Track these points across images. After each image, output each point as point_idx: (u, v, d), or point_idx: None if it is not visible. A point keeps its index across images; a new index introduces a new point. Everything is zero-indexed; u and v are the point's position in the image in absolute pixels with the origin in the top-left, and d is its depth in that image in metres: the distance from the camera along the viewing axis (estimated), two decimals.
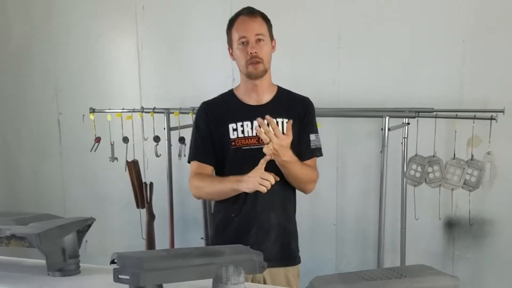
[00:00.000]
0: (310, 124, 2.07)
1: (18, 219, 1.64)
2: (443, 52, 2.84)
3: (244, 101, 2.04)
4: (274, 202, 2.00)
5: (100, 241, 3.73)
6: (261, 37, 1.95)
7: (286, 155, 1.84)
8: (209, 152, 2.04)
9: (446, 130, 2.65)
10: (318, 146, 2.08)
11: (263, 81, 2.01)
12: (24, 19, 3.85)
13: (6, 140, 4.04)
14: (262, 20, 1.99)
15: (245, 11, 1.99)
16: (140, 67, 3.57)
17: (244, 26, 1.95)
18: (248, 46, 1.93)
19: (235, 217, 2.03)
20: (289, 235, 2.07)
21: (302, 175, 1.98)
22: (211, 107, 2.06)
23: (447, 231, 2.91)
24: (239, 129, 1.99)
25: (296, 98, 2.10)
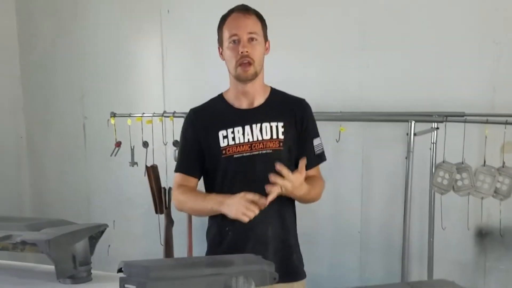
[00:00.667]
0: (311, 128, 1.95)
1: (31, 224, 1.64)
2: (474, 53, 2.73)
3: (235, 105, 1.91)
4: (271, 214, 1.85)
5: (123, 246, 3.75)
6: (254, 35, 1.81)
7: (300, 191, 1.77)
8: (194, 163, 1.92)
9: (477, 135, 2.55)
10: (322, 150, 1.97)
11: (254, 85, 1.87)
12: (50, 23, 3.89)
13: (33, 143, 4.08)
14: (256, 18, 1.86)
15: (238, 8, 1.86)
16: (164, 71, 3.55)
17: (236, 23, 1.82)
18: (239, 45, 1.80)
19: (229, 231, 1.89)
20: (289, 249, 1.94)
21: (315, 195, 1.90)
22: (199, 114, 1.95)
23: (478, 241, 2.78)
24: (230, 136, 1.86)
25: (291, 100, 1.96)
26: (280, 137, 1.86)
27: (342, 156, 3.06)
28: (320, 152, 1.95)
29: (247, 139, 1.85)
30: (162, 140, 3.05)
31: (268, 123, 1.86)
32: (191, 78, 3.49)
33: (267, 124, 1.86)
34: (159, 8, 3.50)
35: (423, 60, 2.83)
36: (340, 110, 2.87)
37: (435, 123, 2.55)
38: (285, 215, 1.92)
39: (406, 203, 2.49)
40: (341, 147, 2.99)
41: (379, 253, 3.04)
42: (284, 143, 1.86)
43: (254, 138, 1.85)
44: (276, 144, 1.85)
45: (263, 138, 1.85)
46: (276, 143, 1.85)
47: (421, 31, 2.82)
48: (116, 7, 3.66)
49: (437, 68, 2.81)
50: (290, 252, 1.95)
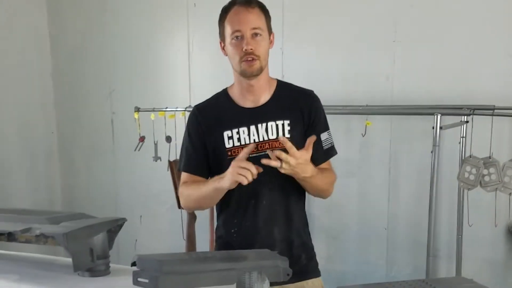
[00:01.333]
0: (320, 122, 1.83)
1: (51, 218, 1.65)
2: (508, 46, 2.63)
3: (240, 103, 1.82)
4: (276, 215, 1.79)
5: (149, 241, 3.80)
6: (258, 31, 1.71)
7: (307, 172, 1.64)
8: (201, 162, 1.84)
9: (507, 129, 2.46)
10: (332, 144, 1.86)
11: (259, 80, 1.78)
12: (80, 20, 3.95)
13: (64, 138, 4.16)
14: (260, 11, 1.74)
15: (238, 1, 1.74)
16: (190, 65, 3.56)
17: (238, 18, 1.71)
18: (243, 42, 1.70)
19: (235, 233, 1.83)
20: (298, 249, 1.85)
21: (324, 184, 1.79)
22: (203, 112, 1.86)
23: (508, 238, 2.69)
24: (235, 137, 1.78)
25: (299, 93, 1.86)
26: (286, 136, 1.77)
27: (368, 151, 3.01)
28: (328, 147, 1.85)
29: (252, 139, 1.77)
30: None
31: (274, 122, 1.78)
32: (217, 73, 3.47)
33: (272, 123, 1.78)
34: (185, 2, 3.50)
35: (454, 53, 2.76)
36: (366, 104, 2.81)
37: (464, 116, 2.47)
38: (292, 216, 1.84)
39: (431, 198, 2.43)
40: (368, 141, 2.95)
41: (406, 250, 2.98)
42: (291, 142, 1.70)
43: (260, 138, 1.78)
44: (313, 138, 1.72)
45: (269, 138, 1.78)
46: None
47: (452, 24, 2.75)
48: (143, 3, 3.68)
49: (469, 61, 2.73)
50: (298, 253, 1.86)
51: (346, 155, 3.00)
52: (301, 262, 1.85)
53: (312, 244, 1.94)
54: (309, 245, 1.92)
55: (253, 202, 1.79)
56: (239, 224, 1.81)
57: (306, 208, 1.94)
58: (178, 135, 3.10)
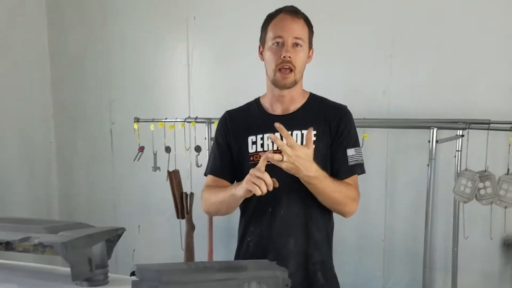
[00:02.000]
0: (348, 137, 1.78)
1: (50, 227, 1.65)
2: (503, 60, 2.67)
3: (269, 111, 1.81)
4: (294, 226, 1.72)
5: (147, 250, 3.79)
6: (299, 41, 1.70)
7: (309, 169, 1.57)
8: (225, 166, 1.83)
9: (502, 143, 2.48)
10: (359, 162, 1.79)
11: (291, 91, 1.77)
12: (80, 32, 3.98)
13: (62, 148, 4.17)
14: (304, 23, 1.74)
15: (287, 8, 1.74)
16: (190, 78, 3.58)
17: (282, 24, 1.70)
18: (282, 49, 1.68)
19: (251, 241, 1.80)
20: (314, 266, 1.77)
21: (336, 193, 1.68)
22: (232, 117, 1.86)
23: (504, 251, 2.71)
24: (259, 142, 1.76)
25: (330, 107, 1.82)
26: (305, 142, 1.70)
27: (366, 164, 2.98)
28: (354, 163, 1.77)
29: (276, 146, 1.69)
30: (184, 146, 3.08)
31: (299, 131, 1.74)
32: (217, 85, 3.51)
33: (298, 132, 1.74)
34: (185, 15, 3.53)
35: (451, 67, 2.79)
36: (364, 117, 2.84)
37: (460, 130, 2.50)
38: (311, 229, 1.76)
39: (427, 211, 2.45)
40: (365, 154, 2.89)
41: (403, 262, 2.99)
42: (316, 153, 1.67)
43: None
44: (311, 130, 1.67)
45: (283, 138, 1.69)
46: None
47: (448, 39, 2.78)
48: (143, 15, 3.71)
49: (466, 75, 2.76)
50: (315, 269, 1.78)
51: None
52: (317, 280, 1.78)
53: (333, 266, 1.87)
54: (328, 263, 1.84)
55: (270, 211, 1.75)
56: (255, 232, 1.78)
57: None
58: (177, 146, 3.12)
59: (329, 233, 1.85)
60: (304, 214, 1.74)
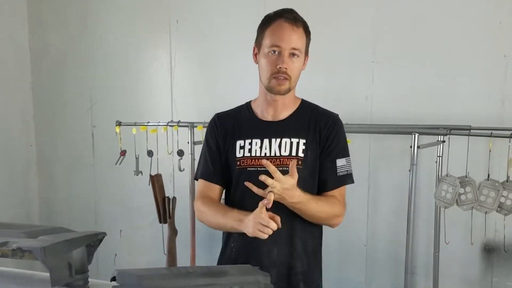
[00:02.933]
0: (338, 146, 1.77)
1: (29, 232, 1.62)
2: (483, 67, 2.71)
3: (259, 115, 1.80)
4: (278, 236, 1.66)
5: (129, 255, 3.76)
6: (296, 52, 1.68)
7: (293, 197, 1.59)
8: (217, 170, 1.81)
9: (483, 149, 2.51)
10: (348, 172, 1.78)
11: (284, 98, 1.76)
12: (61, 34, 3.93)
13: (43, 152, 4.11)
14: (303, 32, 1.72)
15: (287, 15, 1.69)
16: (172, 81, 3.57)
17: (281, 34, 1.67)
18: (279, 58, 1.67)
19: (234, 248, 1.80)
20: (296, 277, 1.75)
21: (321, 213, 1.70)
22: (222, 119, 1.85)
23: (485, 256, 2.74)
24: (247, 147, 1.75)
25: (321, 114, 1.80)
26: (299, 155, 1.73)
27: None
28: (343, 174, 1.77)
29: (264, 153, 1.73)
30: (167, 149, 3.06)
31: (288, 139, 1.74)
32: (199, 89, 3.50)
33: (287, 139, 1.74)
34: (168, 19, 3.52)
35: (432, 74, 2.82)
36: (346, 122, 2.85)
37: (440, 136, 2.52)
38: (295, 240, 1.76)
39: (409, 216, 2.46)
40: None
41: (385, 267, 3.01)
42: (304, 162, 1.72)
43: (272, 153, 1.73)
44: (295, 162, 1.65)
45: (281, 154, 1.73)
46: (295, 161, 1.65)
47: (430, 45, 2.81)
48: (125, 18, 3.69)
49: (446, 82, 2.79)
50: (297, 280, 1.76)
51: None
52: None
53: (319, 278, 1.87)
54: (312, 276, 1.82)
55: None
56: (238, 239, 1.78)
57: None
58: (159, 150, 3.10)
59: (315, 245, 1.84)
60: (289, 225, 1.72)
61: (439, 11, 2.78)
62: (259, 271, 1.33)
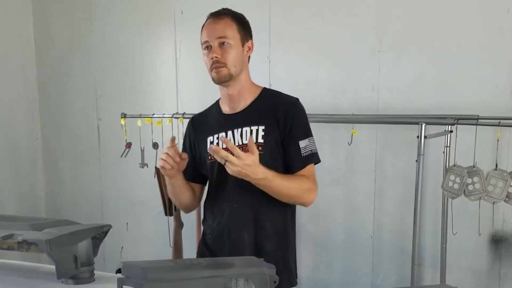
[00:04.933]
0: (298, 129, 1.84)
1: (34, 224, 1.63)
2: (491, 56, 2.67)
3: (222, 110, 1.94)
4: (246, 219, 1.83)
5: (135, 248, 3.77)
6: (224, 40, 1.80)
7: (257, 173, 1.65)
8: (194, 170, 1.95)
9: (491, 139, 2.48)
10: (313, 151, 1.84)
11: (236, 88, 1.86)
12: (66, 27, 3.93)
13: (49, 144, 4.12)
14: (231, 20, 1.83)
15: (212, 13, 1.87)
16: (177, 73, 3.56)
17: (207, 30, 1.84)
18: (210, 51, 1.81)
19: (209, 234, 1.93)
20: (266, 256, 1.74)
21: (290, 190, 1.78)
22: (195, 122, 2.01)
23: (492, 247, 2.72)
24: (215, 142, 1.88)
25: (280, 101, 1.88)
26: (259, 141, 1.82)
27: (354, 160, 3.03)
28: (308, 154, 1.83)
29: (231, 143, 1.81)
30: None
31: (248, 127, 1.84)
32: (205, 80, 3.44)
33: (247, 128, 1.84)
34: (173, 9, 3.50)
35: (439, 63, 2.78)
36: (353, 113, 2.83)
37: (448, 126, 2.50)
38: (263, 220, 1.85)
39: (416, 207, 2.44)
40: (354, 150, 2.96)
41: (391, 259, 2.99)
42: (265, 147, 1.81)
43: (235, 143, 1.83)
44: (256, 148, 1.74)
45: (243, 143, 1.83)
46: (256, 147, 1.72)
47: (437, 34, 2.77)
48: (130, 10, 3.67)
49: (453, 71, 2.75)
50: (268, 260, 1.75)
51: (332, 164, 3.02)
52: None
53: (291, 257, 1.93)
54: (283, 255, 1.90)
55: (225, 205, 1.86)
56: (212, 226, 1.91)
57: None
58: (165, 142, 3.09)
59: (286, 223, 1.91)
60: (255, 206, 1.83)
61: (446, 0, 2.75)
62: (264, 263, 1.33)
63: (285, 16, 3.15)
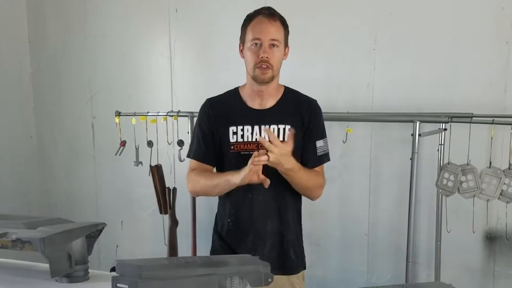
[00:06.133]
0: (317, 130, 2.01)
1: (28, 223, 1.63)
2: (485, 54, 2.68)
3: (248, 103, 1.99)
4: (270, 210, 1.97)
5: (130, 246, 3.76)
6: (275, 42, 1.88)
7: (288, 163, 1.81)
8: (210, 152, 2.00)
9: (486, 137, 2.49)
10: (326, 152, 2.03)
11: (269, 87, 1.95)
12: (60, 25, 3.91)
13: (43, 143, 4.11)
14: (281, 24, 1.92)
15: (265, 11, 1.91)
16: (172, 71, 3.55)
17: (260, 27, 1.88)
18: (260, 49, 1.87)
19: (231, 222, 2.00)
20: (287, 244, 2.01)
21: (308, 182, 1.94)
22: (214, 104, 2.02)
23: (486, 245, 2.73)
24: (239, 133, 1.94)
25: (302, 101, 2.03)
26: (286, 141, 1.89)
27: (349, 158, 3.03)
28: (322, 154, 2.01)
29: (255, 138, 1.93)
30: (167, 140, 3.05)
31: (276, 125, 1.94)
32: (199, 78, 3.48)
33: (275, 126, 1.94)
34: (167, 7, 3.49)
35: (434, 61, 2.79)
36: (348, 111, 2.84)
37: (442, 124, 2.50)
38: (284, 211, 2.00)
39: (410, 205, 2.46)
40: (349, 148, 2.96)
41: (386, 256, 3.00)
42: None
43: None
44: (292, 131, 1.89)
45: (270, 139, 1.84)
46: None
47: (432, 32, 2.78)
48: (124, 7, 3.66)
49: (448, 70, 2.76)
50: (288, 247, 2.01)
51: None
52: (290, 257, 2.02)
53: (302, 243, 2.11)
54: (298, 241, 2.08)
55: (250, 196, 1.95)
56: (235, 215, 1.99)
57: None
58: (159, 140, 3.09)
59: (298, 214, 2.09)
60: (278, 199, 1.97)
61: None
62: (259, 261, 1.33)
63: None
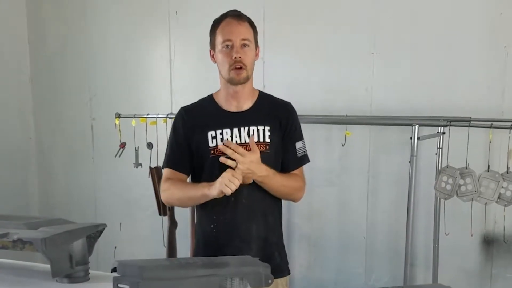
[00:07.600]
0: (295, 131, 2.01)
1: (29, 223, 1.63)
2: (483, 58, 2.69)
3: (224, 107, 1.97)
4: (254, 214, 1.95)
5: (129, 247, 3.76)
6: (247, 42, 1.88)
7: (261, 171, 1.82)
8: (184, 160, 1.98)
9: (483, 140, 2.51)
10: (305, 153, 2.03)
11: (244, 88, 1.94)
12: (59, 26, 3.92)
13: (42, 144, 4.11)
14: (249, 25, 1.92)
15: (232, 13, 1.92)
16: (172, 73, 3.56)
17: (230, 29, 1.88)
18: (232, 50, 1.86)
19: (214, 228, 1.97)
20: (271, 247, 2.00)
21: (285, 187, 1.94)
22: (189, 113, 2.01)
23: (484, 248, 2.74)
24: (218, 137, 1.92)
25: (278, 104, 2.03)
26: (266, 140, 1.93)
27: (348, 161, 3.05)
28: (302, 155, 2.01)
29: (235, 141, 1.91)
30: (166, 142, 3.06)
31: (255, 127, 1.93)
32: (199, 81, 3.48)
33: (254, 127, 1.93)
34: (167, 10, 3.50)
35: (432, 65, 2.80)
36: (346, 114, 2.85)
37: (441, 127, 2.52)
38: (268, 215, 1.99)
39: (409, 208, 2.47)
40: (347, 151, 2.98)
41: (384, 259, 3.01)
42: (271, 146, 1.94)
43: (242, 140, 1.92)
44: (263, 147, 1.91)
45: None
46: (263, 146, 1.92)
47: (430, 36, 2.79)
48: (124, 10, 3.68)
49: (446, 73, 2.78)
50: (272, 250, 2.00)
51: (326, 164, 3.05)
52: (274, 260, 1.98)
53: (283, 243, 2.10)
54: (282, 244, 2.08)
55: (232, 200, 1.90)
56: (218, 220, 1.95)
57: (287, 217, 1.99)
58: (159, 142, 3.09)
59: (280, 216, 2.07)
60: (262, 203, 1.96)
61: (439, 2, 2.77)
62: (259, 262, 1.33)
63: (279, 17, 3.16)
